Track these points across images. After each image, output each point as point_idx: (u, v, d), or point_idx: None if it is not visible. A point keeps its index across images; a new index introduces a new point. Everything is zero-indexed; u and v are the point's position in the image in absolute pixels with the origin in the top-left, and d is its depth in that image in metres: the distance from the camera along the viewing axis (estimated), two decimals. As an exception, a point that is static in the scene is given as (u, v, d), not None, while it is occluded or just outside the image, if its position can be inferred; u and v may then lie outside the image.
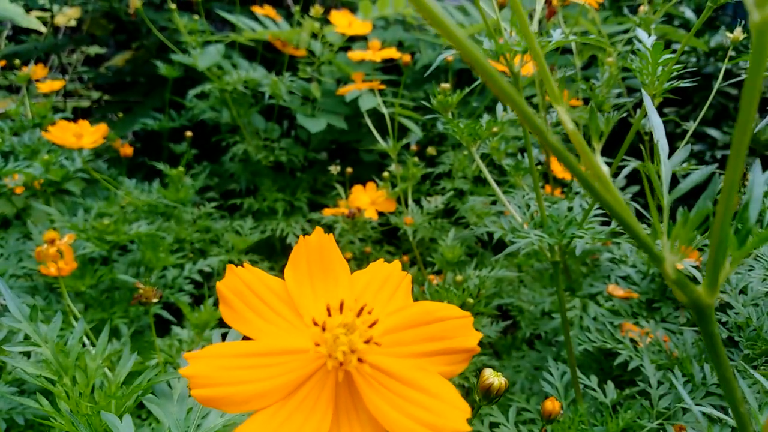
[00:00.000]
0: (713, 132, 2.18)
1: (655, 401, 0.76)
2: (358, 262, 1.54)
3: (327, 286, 0.27)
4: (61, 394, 0.50)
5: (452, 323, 0.26)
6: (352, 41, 1.59)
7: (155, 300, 0.77)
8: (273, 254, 1.75)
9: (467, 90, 0.76)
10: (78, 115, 2.55)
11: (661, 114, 1.98)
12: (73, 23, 2.83)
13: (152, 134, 1.94)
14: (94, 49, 3.04)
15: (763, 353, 0.71)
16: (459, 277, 0.83)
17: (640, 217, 1.11)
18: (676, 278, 0.21)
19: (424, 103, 0.81)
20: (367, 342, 0.23)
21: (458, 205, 1.52)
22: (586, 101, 1.38)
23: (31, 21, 1.57)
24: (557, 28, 0.67)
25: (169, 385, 0.50)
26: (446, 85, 0.76)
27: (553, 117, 1.00)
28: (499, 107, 0.81)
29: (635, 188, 1.82)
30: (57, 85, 1.32)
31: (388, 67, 1.91)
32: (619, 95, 0.93)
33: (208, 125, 1.98)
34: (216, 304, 1.05)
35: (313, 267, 0.27)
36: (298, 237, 1.50)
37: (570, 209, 0.75)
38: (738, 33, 0.88)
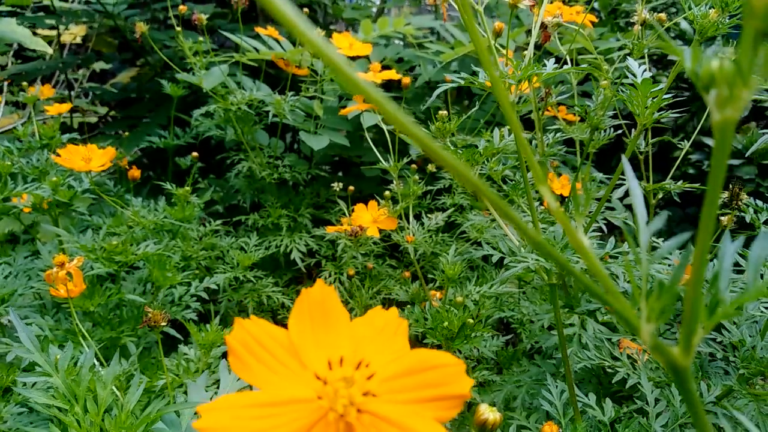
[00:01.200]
0: (711, 142, 2.21)
1: (652, 419, 0.77)
2: (361, 276, 1.55)
3: (328, 336, 0.29)
4: (72, 423, 0.52)
5: (446, 370, 0.28)
6: (353, 59, 1.62)
7: (164, 323, 0.79)
8: (277, 268, 1.77)
9: (463, 117, 0.78)
10: (84, 130, 2.58)
11: (658, 129, 2.00)
12: (78, 40, 2.87)
13: (158, 149, 1.97)
14: (99, 65, 3.08)
15: (758, 373, 0.72)
16: (459, 298, 0.85)
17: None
18: (653, 344, 0.23)
19: (425, 129, 0.83)
20: (365, 394, 0.25)
21: (459, 219, 1.54)
22: (582, 119, 1.40)
23: (39, 43, 1.60)
24: (551, 58, 0.69)
25: (177, 414, 0.52)
26: (443, 112, 0.79)
27: (549, 138, 1.02)
28: (497, 131, 0.83)
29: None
30: (64, 107, 1.34)
31: (390, 80, 1.94)
32: (615, 116, 0.95)
33: (213, 141, 2.01)
34: (221, 323, 1.07)
35: (315, 318, 0.29)
36: (301, 252, 1.52)
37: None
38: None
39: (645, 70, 0.68)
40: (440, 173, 1.66)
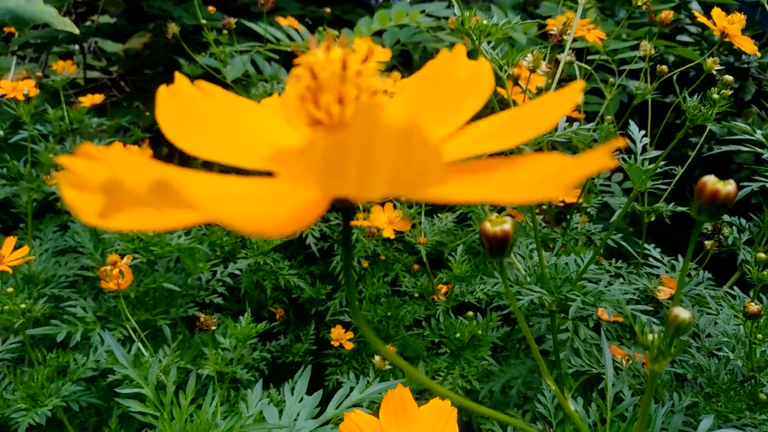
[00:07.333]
0: (711, 126, 2.30)
1: (630, 423, 0.91)
2: (371, 260, 1.68)
3: (407, 422, 0.40)
4: (166, 430, 0.64)
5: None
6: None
7: (214, 327, 0.91)
8: (289, 247, 1.89)
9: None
10: (96, 91, 2.62)
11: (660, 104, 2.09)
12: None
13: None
14: (104, 19, 3.08)
15: (718, 393, 0.86)
16: (470, 312, 0.97)
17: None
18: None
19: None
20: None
21: (467, 211, 1.65)
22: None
23: (66, 23, 1.63)
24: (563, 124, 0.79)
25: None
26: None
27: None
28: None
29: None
30: (98, 98, 1.41)
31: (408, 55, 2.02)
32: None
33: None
34: (252, 316, 1.19)
35: (396, 410, 0.40)
36: (315, 237, 1.62)
37: (566, 264, 0.89)
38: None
39: (643, 135, 0.78)
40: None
